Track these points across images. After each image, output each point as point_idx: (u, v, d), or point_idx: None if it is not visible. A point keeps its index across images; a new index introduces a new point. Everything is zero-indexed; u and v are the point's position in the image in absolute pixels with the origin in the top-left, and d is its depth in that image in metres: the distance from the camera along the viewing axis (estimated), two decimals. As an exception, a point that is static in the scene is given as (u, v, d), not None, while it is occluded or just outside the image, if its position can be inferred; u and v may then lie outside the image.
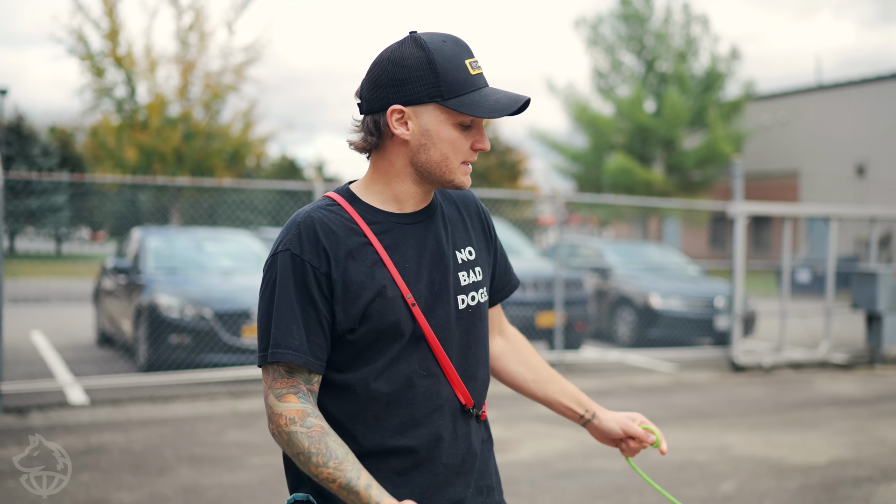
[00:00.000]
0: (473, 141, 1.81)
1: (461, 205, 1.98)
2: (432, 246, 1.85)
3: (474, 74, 1.77)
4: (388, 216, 1.83)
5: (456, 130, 1.78)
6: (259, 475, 5.62)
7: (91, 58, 22.60)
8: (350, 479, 1.68)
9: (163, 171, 22.85)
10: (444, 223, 1.90)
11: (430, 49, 1.75)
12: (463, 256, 1.91)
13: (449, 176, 1.80)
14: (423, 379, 1.80)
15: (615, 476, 5.69)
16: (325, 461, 1.68)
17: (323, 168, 54.97)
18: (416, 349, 1.80)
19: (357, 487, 1.68)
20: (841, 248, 24.32)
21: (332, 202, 1.84)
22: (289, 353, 1.72)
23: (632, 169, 29.03)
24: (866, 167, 31.48)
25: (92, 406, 7.57)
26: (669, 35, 31.75)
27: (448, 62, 1.76)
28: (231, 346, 8.53)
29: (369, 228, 1.80)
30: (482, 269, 1.95)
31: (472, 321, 1.90)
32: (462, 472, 1.87)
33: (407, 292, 1.78)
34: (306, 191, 10.52)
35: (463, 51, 1.78)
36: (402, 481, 1.80)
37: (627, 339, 12.24)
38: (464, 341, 1.88)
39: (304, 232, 1.77)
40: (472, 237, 1.97)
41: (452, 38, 1.80)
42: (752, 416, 7.85)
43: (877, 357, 11.01)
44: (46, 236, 26.74)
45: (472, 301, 1.90)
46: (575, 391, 2.15)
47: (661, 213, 31.29)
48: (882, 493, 5.48)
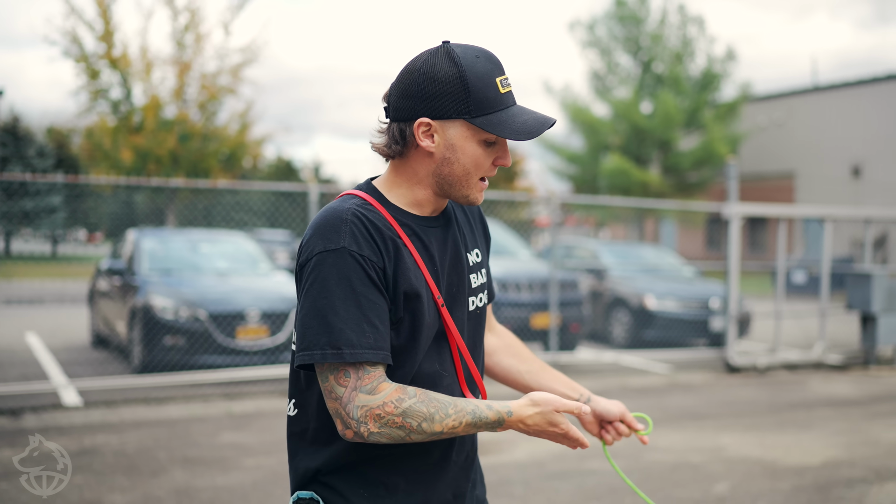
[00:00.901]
0: (496, 157, 1.83)
1: (466, 208, 2.03)
2: (452, 249, 1.89)
3: (504, 93, 1.79)
4: (415, 219, 1.85)
5: (480, 147, 1.79)
6: (253, 477, 5.62)
7: (86, 59, 22.57)
8: (474, 412, 1.73)
9: (158, 172, 22.83)
10: (459, 226, 1.95)
11: (463, 65, 1.76)
12: (472, 258, 1.96)
13: (465, 191, 1.83)
14: (444, 378, 1.85)
15: (609, 477, 5.69)
16: (445, 413, 1.71)
17: (319, 169, 54.98)
18: (441, 349, 1.85)
19: (484, 414, 1.73)
20: (836, 249, 24.39)
21: (364, 202, 1.81)
22: (367, 352, 1.68)
23: (628, 170, 29.05)
24: (862, 168, 31.53)
25: (86, 408, 7.56)
26: (665, 36, 31.79)
27: (479, 80, 1.77)
28: (226, 348, 8.53)
29: (402, 230, 1.81)
30: (486, 272, 2.02)
31: (479, 322, 1.97)
32: (465, 467, 1.94)
33: (437, 293, 1.81)
34: (302, 192, 10.52)
35: (495, 68, 1.79)
36: (417, 478, 1.84)
37: (623, 340, 12.25)
38: (472, 342, 1.94)
39: (356, 230, 1.73)
40: (478, 240, 2.02)
41: (486, 54, 1.80)
42: (746, 417, 7.86)
43: (871, 358, 11.03)
44: (42, 238, 26.69)
45: (481, 303, 1.97)
46: (567, 379, 2.23)
47: (657, 214, 31.33)
48: (875, 493, 5.49)
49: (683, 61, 31.58)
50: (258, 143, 25.49)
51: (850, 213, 12.02)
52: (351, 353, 1.67)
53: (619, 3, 32.03)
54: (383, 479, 1.81)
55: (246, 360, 8.58)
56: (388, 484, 1.81)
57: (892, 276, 10.84)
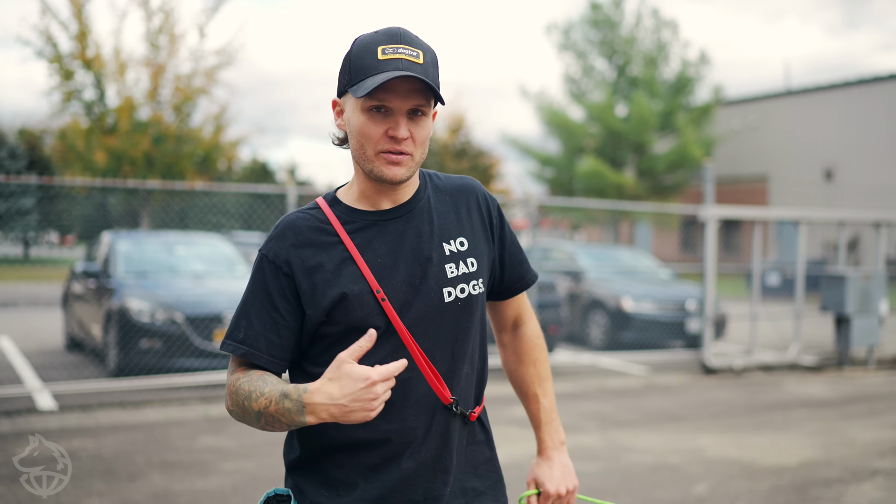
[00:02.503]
0: (387, 128, 1.74)
1: (456, 195, 1.95)
2: (412, 240, 1.84)
3: (382, 59, 1.71)
4: (365, 215, 1.84)
5: (365, 116, 1.75)
6: (232, 481, 5.58)
7: (59, 60, 22.34)
8: (282, 391, 1.69)
9: (133, 174, 22.64)
10: (430, 216, 1.88)
11: (356, 41, 1.78)
12: (452, 248, 1.88)
13: (369, 166, 1.78)
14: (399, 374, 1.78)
15: (589, 478, 5.71)
16: (260, 392, 1.71)
17: (295, 171, 54.75)
18: (389, 343, 1.79)
19: (288, 392, 1.68)
20: (810, 251, 24.60)
21: (315, 205, 1.89)
22: (233, 345, 1.81)
23: (603, 173, 29.19)
24: (834, 171, 31.86)
25: (61, 412, 7.48)
26: (639, 40, 31.98)
27: (359, 49, 1.75)
28: (203, 351, 8.46)
29: (343, 228, 1.81)
30: (477, 260, 1.91)
31: (461, 315, 1.87)
32: (440, 468, 1.84)
33: (377, 287, 1.78)
34: (279, 194, 10.47)
35: (385, 38, 1.74)
36: (375, 476, 1.80)
37: (600, 342, 12.30)
38: (450, 336, 1.85)
39: (276, 235, 1.83)
40: (467, 227, 1.92)
41: (389, 30, 1.77)
42: (723, 419, 7.91)
43: (845, 359, 11.13)
44: (14, 240, 26.38)
45: (462, 293, 1.86)
46: (534, 421, 2.13)
47: (633, 216, 31.48)
48: (852, 493, 5.54)
49: (657, 65, 31.79)
50: (233, 145, 25.32)
51: (824, 216, 12.13)
52: (223, 343, 1.83)
53: (594, 7, 32.20)
54: (342, 477, 1.81)
55: (224, 362, 8.51)
56: (347, 482, 1.81)
57: (866, 277, 10.95)
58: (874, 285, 10.98)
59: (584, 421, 7.60)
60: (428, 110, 1.77)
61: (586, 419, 7.69)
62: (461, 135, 36.23)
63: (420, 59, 1.73)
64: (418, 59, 1.73)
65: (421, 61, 1.73)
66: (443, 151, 35.65)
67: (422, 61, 1.73)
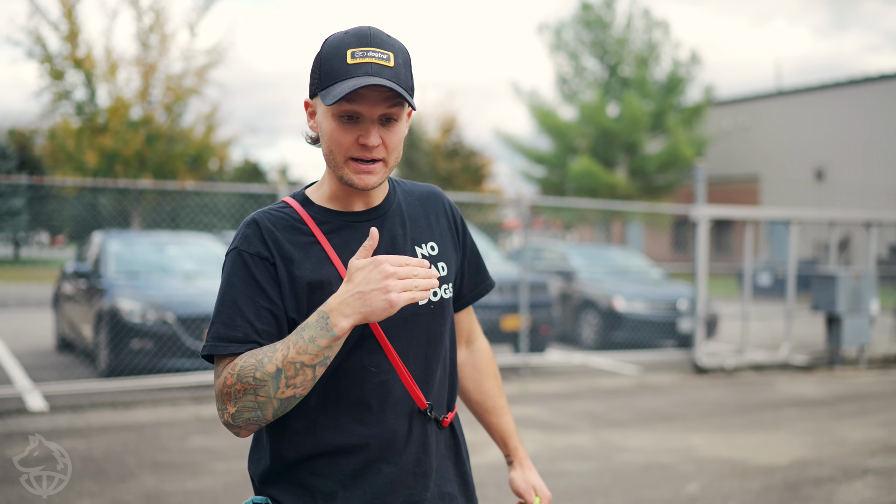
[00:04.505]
0: (358, 135, 1.70)
1: (425, 201, 1.95)
2: (386, 243, 1.82)
3: (352, 63, 1.66)
4: (339, 215, 1.81)
5: (335, 122, 1.71)
6: (223, 481, 5.56)
7: (50, 60, 22.28)
8: (298, 331, 1.63)
9: (125, 174, 22.58)
10: (402, 220, 1.87)
11: (326, 41, 1.73)
12: (424, 251, 1.87)
13: (338, 172, 1.75)
14: (375, 376, 1.76)
15: (581, 478, 5.71)
16: (272, 351, 1.63)
17: (286, 171, 54.71)
18: (365, 346, 1.76)
19: (308, 324, 1.63)
20: (801, 251, 24.67)
21: (285, 205, 1.83)
22: (232, 345, 1.69)
23: (595, 172, 29.23)
24: (825, 171, 31.97)
25: (52, 412, 7.45)
26: (631, 40, 32.05)
27: (329, 52, 1.70)
28: (194, 351, 8.43)
29: (318, 228, 1.78)
30: (447, 265, 1.91)
31: (434, 318, 1.85)
32: (420, 473, 1.82)
33: None
34: (270, 194, 10.45)
35: (354, 40, 1.69)
36: (354, 483, 1.76)
37: (592, 341, 12.31)
38: (423, 338, 1.83)
39: (250, 231, 1.76)
40: (436, 232, 1.92)
41: (359, 31, 1.72)
42: (715, 418, 7.92)
43: (836, 358, 11.16)
44: (4, 241, 26.29)
45: (434, 297, 1.85)
46: (506, 432, 2.14)
47: (625, 216, 31.55)
48: (843, 492, 5.55)
49: (649, 65, 31.86)
50: (224, 145, 25.30)
51: (815, 216, 12.17)
52: (216, 345, 1.69)
53: (586, 8, 32.25)
54: (320, 486, 1.76)
55: (215, 363, 8.48)
56: (326, 491, 1.76)
57: (857, 277, 10.98)
58: (865, 285, 11.02)
59: (575, 420, 7.61)
60: (401, 114, 1.73)
61: (578, 419, 7.70)
62: (453, 135, 36.24)
63: (391, 62, 1.69)
64: (389, 62, 1.68)
65: (392, 64, 1.68)
66: (434, 152, 35.66)
67: (392, 64, 1.69)
